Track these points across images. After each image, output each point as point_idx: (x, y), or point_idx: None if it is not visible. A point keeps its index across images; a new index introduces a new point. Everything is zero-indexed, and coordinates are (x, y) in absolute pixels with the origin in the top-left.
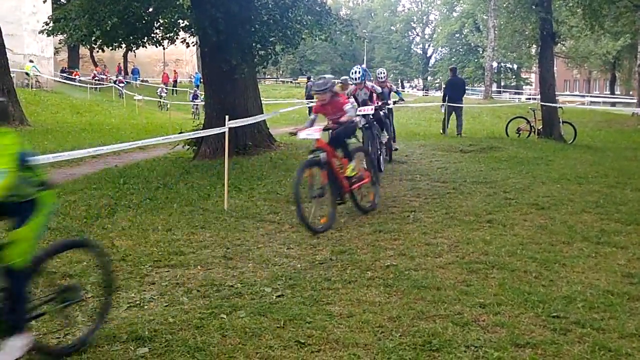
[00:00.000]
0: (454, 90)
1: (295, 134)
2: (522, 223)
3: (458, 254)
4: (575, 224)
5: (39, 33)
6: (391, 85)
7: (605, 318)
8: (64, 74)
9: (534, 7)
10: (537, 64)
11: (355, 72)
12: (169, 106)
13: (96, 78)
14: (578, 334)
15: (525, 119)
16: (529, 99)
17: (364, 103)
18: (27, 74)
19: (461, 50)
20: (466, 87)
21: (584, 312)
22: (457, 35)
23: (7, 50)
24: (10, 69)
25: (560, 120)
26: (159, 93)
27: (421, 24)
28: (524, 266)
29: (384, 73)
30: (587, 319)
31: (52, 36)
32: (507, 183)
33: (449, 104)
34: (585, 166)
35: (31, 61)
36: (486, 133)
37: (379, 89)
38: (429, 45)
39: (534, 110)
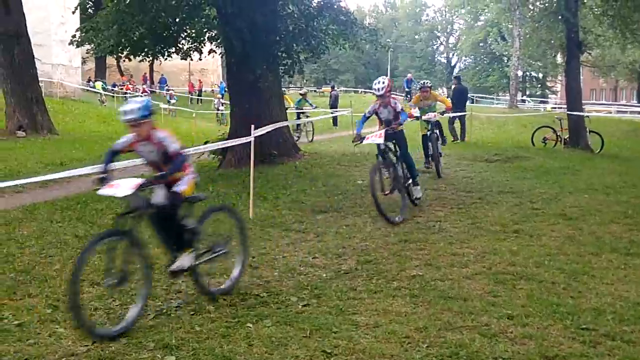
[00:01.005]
0: (460, 99)
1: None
2: (549, 234)
3: (485, 265)
4: (604, 234)
5: (69, 44)
6: (396, 104)
7: (636, 330)
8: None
9: (560, 16)
10: (563, 72)
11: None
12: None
13: (146, 92)
14: (608, 346)
15: (552, 128)
16: (555, 108)
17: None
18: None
19: (485, 59)
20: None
21: (614, 325)
22: (482, 44)
23: (36, 60)
24: (39, 79)
25: (587, 130)
26: (215, 105)
27: (445, 33)
28: (552, 277)
29: (383, 83)
30: (617, 332)
31: (80, 46)
32: (533, 193)
33: (455, 112)
34: (613, 176)
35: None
36: (512, 142)
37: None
38: (453, 54)
39: (560, 120)
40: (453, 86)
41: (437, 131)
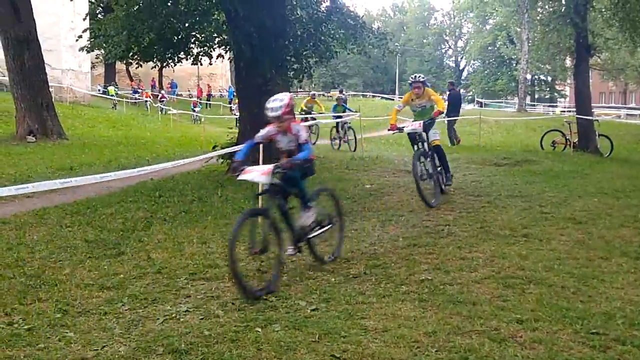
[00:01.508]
0: (456, 104)
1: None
2: (558, 238)
3: (494, 269)
4: (614, 238)
5: (79, 50)
6: (299, 131)
7: None
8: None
9: (569, 19)
10: (572, 76)
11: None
12: (199, 120)
13: (164, 99)
14: (618, 351)
15: (561, 132)
16: (564, 111)
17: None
18: (111, 95)
19: (494, 62)
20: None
21: (624, 329)
22: (490, 47)
23: (46, 65)
24: (49, 84)
25: (597, 133)
26: (233, 112)
27: (454, 37)
28: (562, 281)
29: (281, 101)
30: (627, 336)
31: (91, 52)
32: (542, 197)
33: (451, 117)
34: (623, 180)
35: (115, 84)
36: (520, 146)
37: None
38: (461, 58)
39: (569, 123)
40: (448, 92)
41: (424, 144)
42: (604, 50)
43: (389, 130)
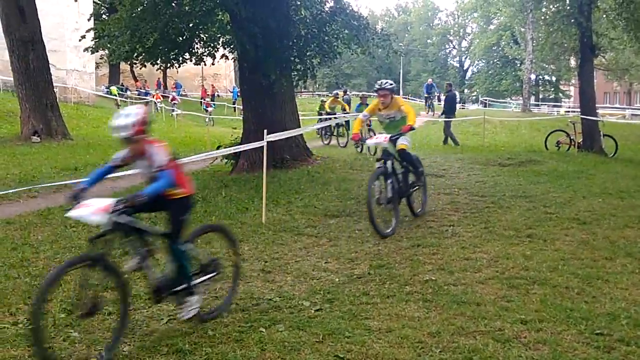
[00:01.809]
0: (453, 105)
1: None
2: (563, 238)
3: (498, 269)
4: (618, 239)
5: (84, 51)
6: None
7: None
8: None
9: (573, 19)
10: (577, 76)
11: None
12: (212, 122)
13: (175, 101)
14: (623, 352)
15: (565, 132)
16: (568, 111)
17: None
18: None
19: (498, 62)
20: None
21: (628, 330)
22: (495, 47)
23: (50, 65)
24: (54, 84)
25: (601, 134)
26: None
27: (458, 37)
28: (566, 282)
29: (132, 118)
30: (631, 337)
31: (95, 53)
32: (547, 197)
33: (448, 118)
34: (627, 180)
35: (117, 85)
36: (525, 146)
37: None
38: (465, 58)
39: (573, 123)
40: (446, 93)
41: (388, 162)
42: (609, 50)
43: (352, 139)
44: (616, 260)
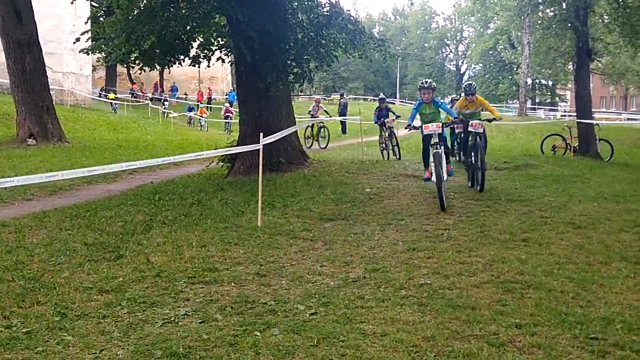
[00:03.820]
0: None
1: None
2: (558, 242)
3: (493, 273)
4: (613, 243)
5: (79, 52)
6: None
7: None
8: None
9: (569, 24)
10: (573, 80)
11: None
12: (205, 127)
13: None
14: (617, 356)
15: (561, 136)
16: (564, 115)
17: None
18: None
19: (495, 66)
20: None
21: (623, 334)
22: (491, 51)
23: (47, 68)
24: (50, 87)
25: (597, 138)
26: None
27: (455, 41)
28: (561, 286)
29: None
30: (626, 341)
31: (91, 54)
32: (542, 201)
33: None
34: (623, 184)
35: (114, 91)
36: (521, 150)
37: None
38: (462, 62)
39: (569, 128)
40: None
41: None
42: (605, 54)
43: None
44: (611, 265)
